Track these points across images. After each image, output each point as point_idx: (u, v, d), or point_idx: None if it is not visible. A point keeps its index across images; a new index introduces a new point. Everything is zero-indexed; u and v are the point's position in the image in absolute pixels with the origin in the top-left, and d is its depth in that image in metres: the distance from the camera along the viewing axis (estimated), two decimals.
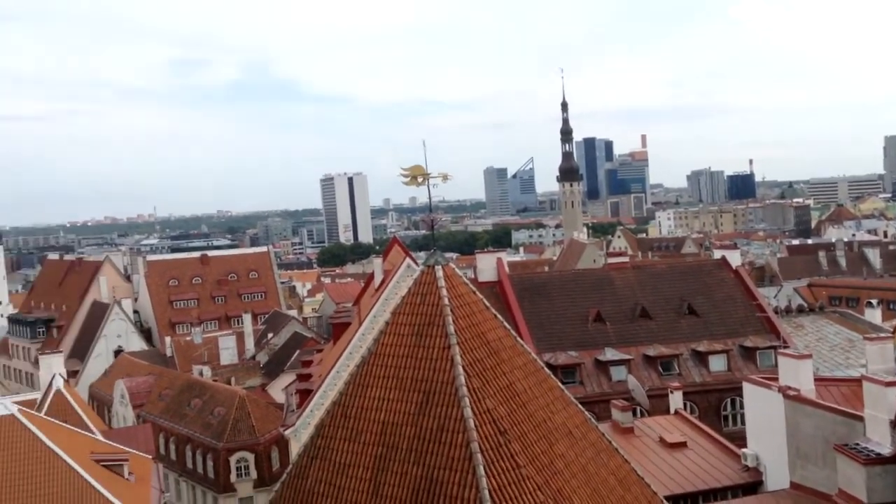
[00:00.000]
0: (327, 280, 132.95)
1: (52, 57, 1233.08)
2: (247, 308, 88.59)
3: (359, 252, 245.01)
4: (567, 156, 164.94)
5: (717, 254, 44.83)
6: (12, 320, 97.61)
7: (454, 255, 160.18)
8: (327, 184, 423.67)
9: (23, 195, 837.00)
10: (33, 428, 30.13)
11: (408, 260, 41.58)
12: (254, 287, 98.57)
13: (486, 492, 14.36)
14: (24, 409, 31.92)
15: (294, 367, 56.60)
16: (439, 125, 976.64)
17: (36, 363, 63.30)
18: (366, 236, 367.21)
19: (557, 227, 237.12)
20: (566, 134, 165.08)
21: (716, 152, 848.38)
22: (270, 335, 72.98)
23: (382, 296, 40.27)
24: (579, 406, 18.41)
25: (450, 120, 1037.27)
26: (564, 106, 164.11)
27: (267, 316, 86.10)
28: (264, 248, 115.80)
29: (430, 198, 17.70)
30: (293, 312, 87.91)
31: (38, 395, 43.00)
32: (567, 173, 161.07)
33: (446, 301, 16.38)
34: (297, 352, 61.44)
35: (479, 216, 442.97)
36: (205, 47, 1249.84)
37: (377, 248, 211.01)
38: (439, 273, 16.80)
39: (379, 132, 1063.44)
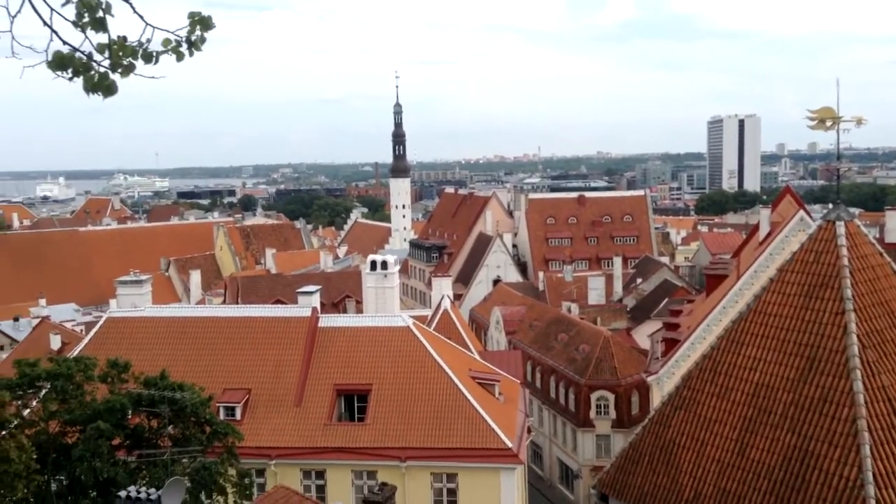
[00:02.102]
0: (704, 228, 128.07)
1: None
2: (618, 251, 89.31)
3: (742, 201, 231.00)
4: None
5: None
6: (412, 244, 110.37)
7: (858, 211, 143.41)
8: (714, 126, 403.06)
9: (427, 133, 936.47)
10: (424, 341, 33.97)
11: (801, 213, 38.45)
12: (627, 230, 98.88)
13: (871, 474, 12.96)
14: (417, 323, 36.09)
15: (661, 314, 55.92)
16: (856, 61, 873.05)
17: (429, 284, 71.28)
18: (752, 184, 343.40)
19: None
20: None
21: None
22: (639, 280, 72.84)
23: (768, 250, 37.86)
24: None
25: (870, 55, 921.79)
26: None
27: (637, 260, 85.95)
28: (641, 192, 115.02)
29: (837, 144, 16.07)
30: (664, 259, 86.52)
31: (428, 313, 48.28)
32: None
33: (846, 261, 14.79)
34: (666, 300, 60.56)
35: (892, 167, 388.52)
36: None
37: (764, 197, 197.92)
38: (840, 229, 15.19)
39: (780, 70, 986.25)
